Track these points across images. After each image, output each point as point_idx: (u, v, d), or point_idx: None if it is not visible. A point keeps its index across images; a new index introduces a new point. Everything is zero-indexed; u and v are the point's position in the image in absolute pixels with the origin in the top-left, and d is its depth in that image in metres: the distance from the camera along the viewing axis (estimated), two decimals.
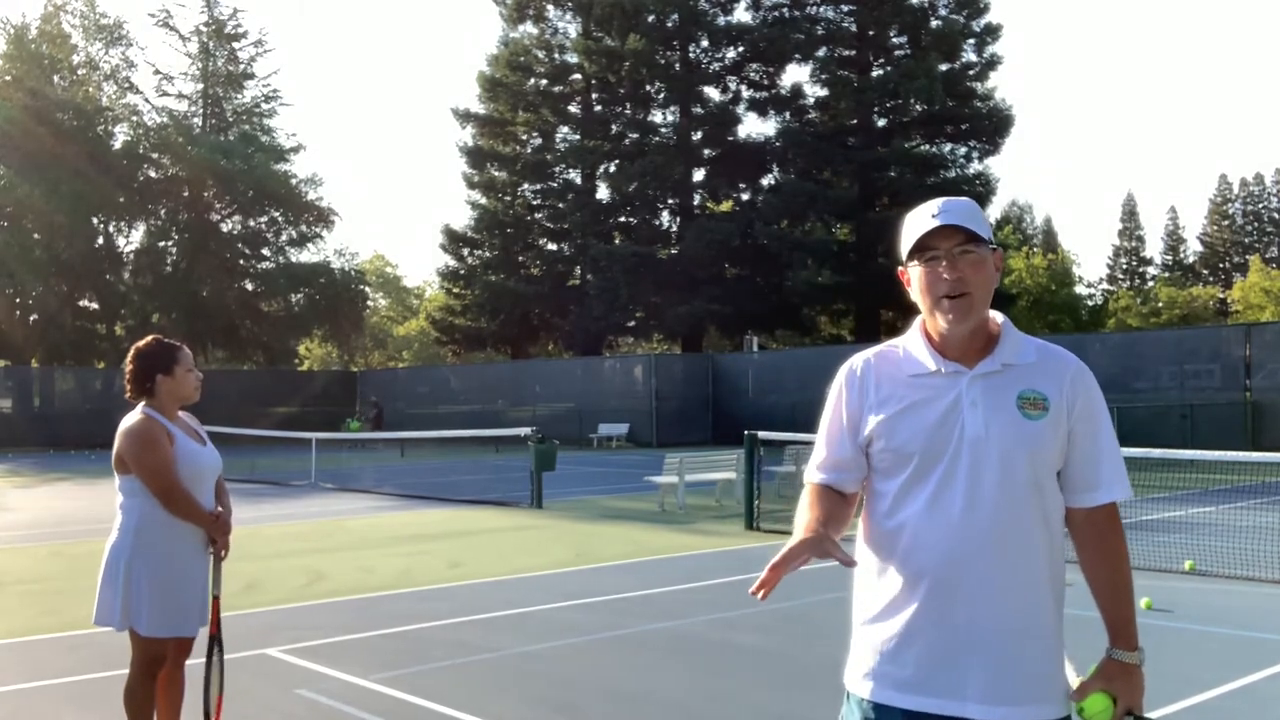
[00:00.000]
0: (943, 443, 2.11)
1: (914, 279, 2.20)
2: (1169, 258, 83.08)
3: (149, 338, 4.48)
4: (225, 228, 48.95)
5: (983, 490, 2.09)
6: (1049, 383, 2.16)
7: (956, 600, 2.08)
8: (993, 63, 45.04)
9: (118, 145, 46.00)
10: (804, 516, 2.18)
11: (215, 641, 4.43)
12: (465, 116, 48.05)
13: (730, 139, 46.45)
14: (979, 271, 2.14)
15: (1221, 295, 70.05)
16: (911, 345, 2.24)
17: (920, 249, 2.16)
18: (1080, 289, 61.28)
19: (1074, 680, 2.14)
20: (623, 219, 47.77)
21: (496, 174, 48.03)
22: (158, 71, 51.38)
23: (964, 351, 2.18)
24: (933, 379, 2.17)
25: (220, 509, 4.35)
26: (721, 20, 45.60)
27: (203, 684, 4.41)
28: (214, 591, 4.37)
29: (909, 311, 2.23)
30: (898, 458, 2.15)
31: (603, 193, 47.48)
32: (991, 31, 44.83)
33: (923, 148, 44.95)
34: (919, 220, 2.17)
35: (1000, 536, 2.09)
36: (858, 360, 2.29)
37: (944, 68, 43.28)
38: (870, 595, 2.21)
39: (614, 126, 46.98)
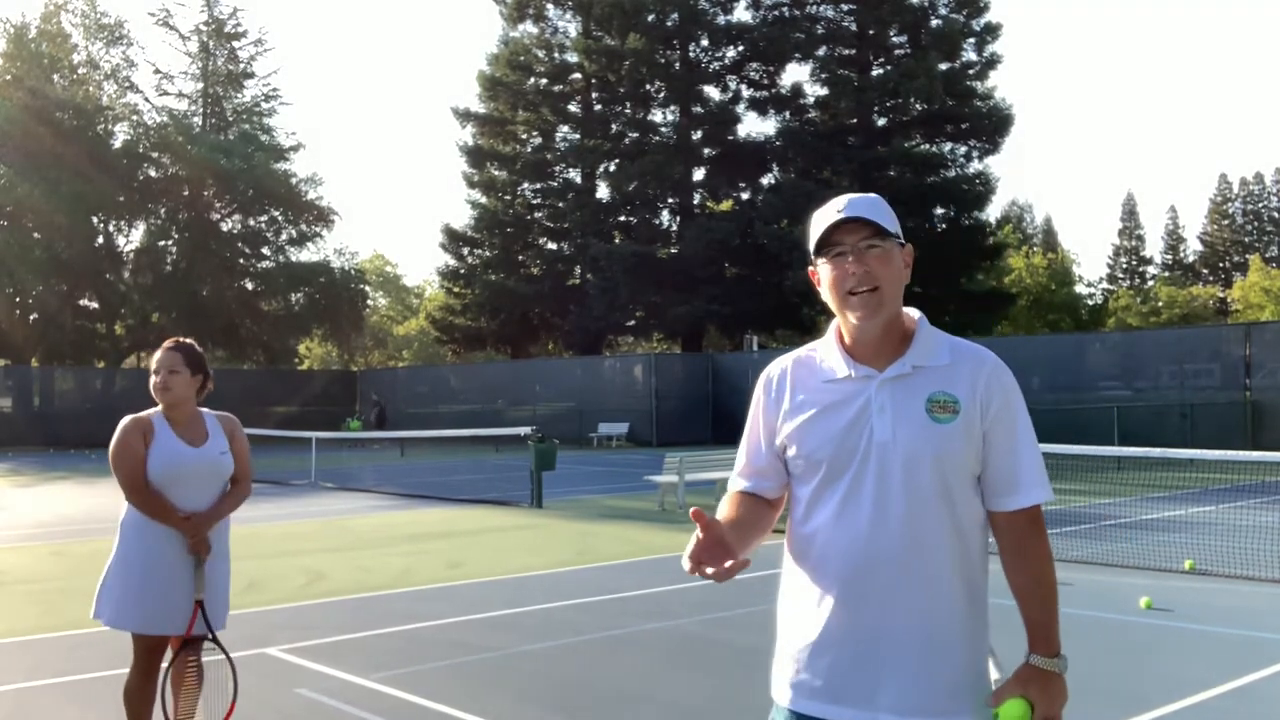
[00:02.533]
0: (851, 449, 2.09)
1: (822, 277, 2.17)
2: (1169, 257, 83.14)
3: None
4: (225, 227, 48.95)
5: (890, 497, 2.06)
6: (961, 384, 2.11)
7: (865, 609, 2.06)
8: (993, 62, 45.04)
9: (118, 145, 45.98)
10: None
11: (189, 646, 4.32)
12: (465, 116, 48.05)
13: (730, 138, 46.44)
14: (886, 266, 2.10)
15: (1221, 295, 70.09)
16: (825, 350, 2.22)
17: (827, 245, 2.14)
18: (1080, 288, 61.39)
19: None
20: (623, 218, 47.76)
21: (496, 173, 48.03)
22: (158, 71, 51.38)
23: (876, 353, 2.14)
24: (844, 384, 2.14)
25: (198, 511, 4.22)
26: (721, 19, 45.60)
27: (171, 689, 4.32)
28: (195, 594, 4.26)
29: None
30: (809, 464, 2.14)
31: (603, 192, 47.50)
32: (991, 31, 44.82)
33: (923, 147, 44.94)
34: (824, 216, 2.15)
35: (908, 544, 2.05)
36: (775, 366, 2.28)
37: (944, 67, 43.27)
38: (789, 602, 2.20)
39: (614, 126, 46.98)
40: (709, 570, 1.96)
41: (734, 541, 2.05)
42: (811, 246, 2.17)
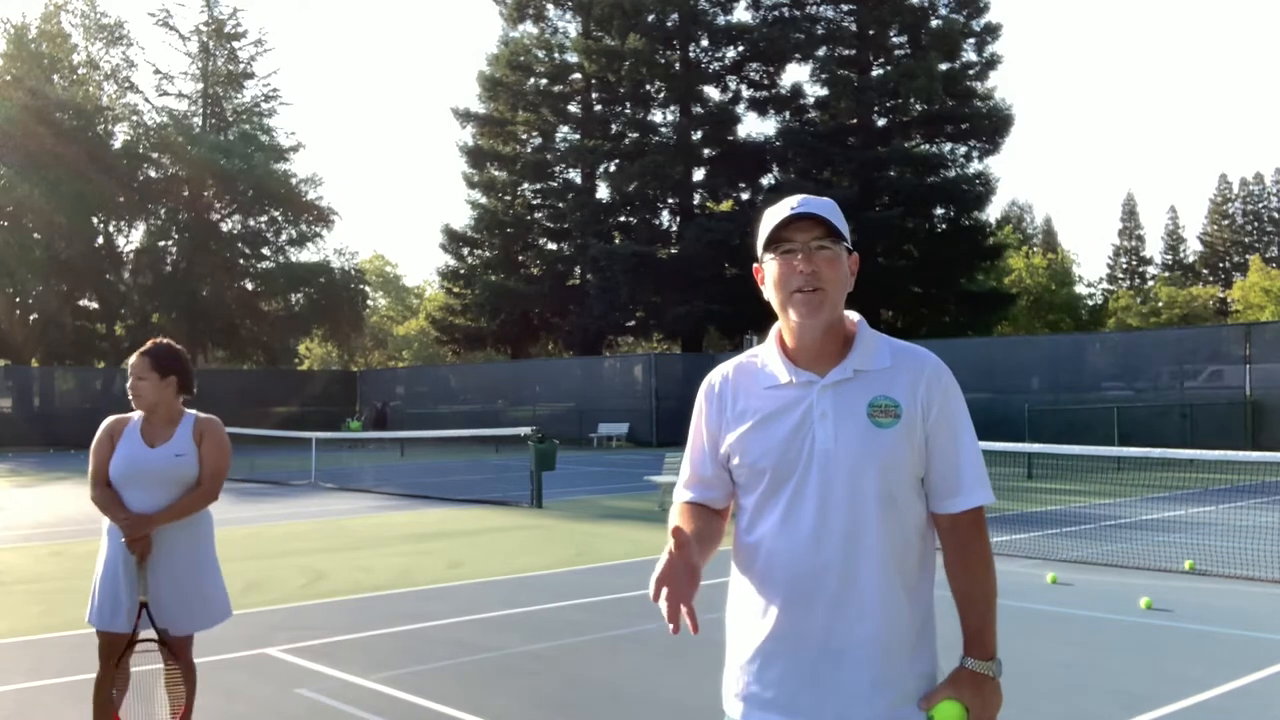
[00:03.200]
0: (793, 457, 2.06)
1: (768, 274, 2.15)
2: (1169, 257, 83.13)
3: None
4: (225, 227, 48.96)
5: (832, 505, 2.04)
6: (902, 387, 2.08)
7: (811, 618, 2.04)
8: (993, 62, 45.03)
9: (118, 145, 46.00)
10: (669, 542, 2.07)
11: (143, 645, 4.26)
12: (465, 116, 48.04)
13: (730, 139, 46.42)
14: (834, 268, 2.08)
15: (1221, 295, 70.07)
16: (767, 356, 2.19)
17: (775, 242, 2.11)
18: (1080, 289, 61.32)
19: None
20: (623, 219, 47.75)
21: (496, 174, 48.01)
22: (158, 71, 51.48)
23: (817, 358, 2.12)
24: (785, 390, 2.11)
25: (143, 512, 4.17)
26: (721, 20, 45.58)
27: (104, 692, 4.27)
28: (139, 594, 4.20)
29: (909, 311, 2.21)
30: (752, 473, 2.11)
31: (603, 192, 47.48)
32: (991, 31, 44.82)
33: (923, 147, 44.93)
34: (777, 212, 2.12)
35: (851, 552, 2.03)
36: (716, 374, 2.25)
37: (944, 67, 43.23)
38: (737, 613, 2.17)
39: (614, 126, 46.97)
40: (667, 607, 1.91)
41: (700, 564, 2.01)
42: (760, 242, 2.15)
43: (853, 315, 2.18)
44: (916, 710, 2.05)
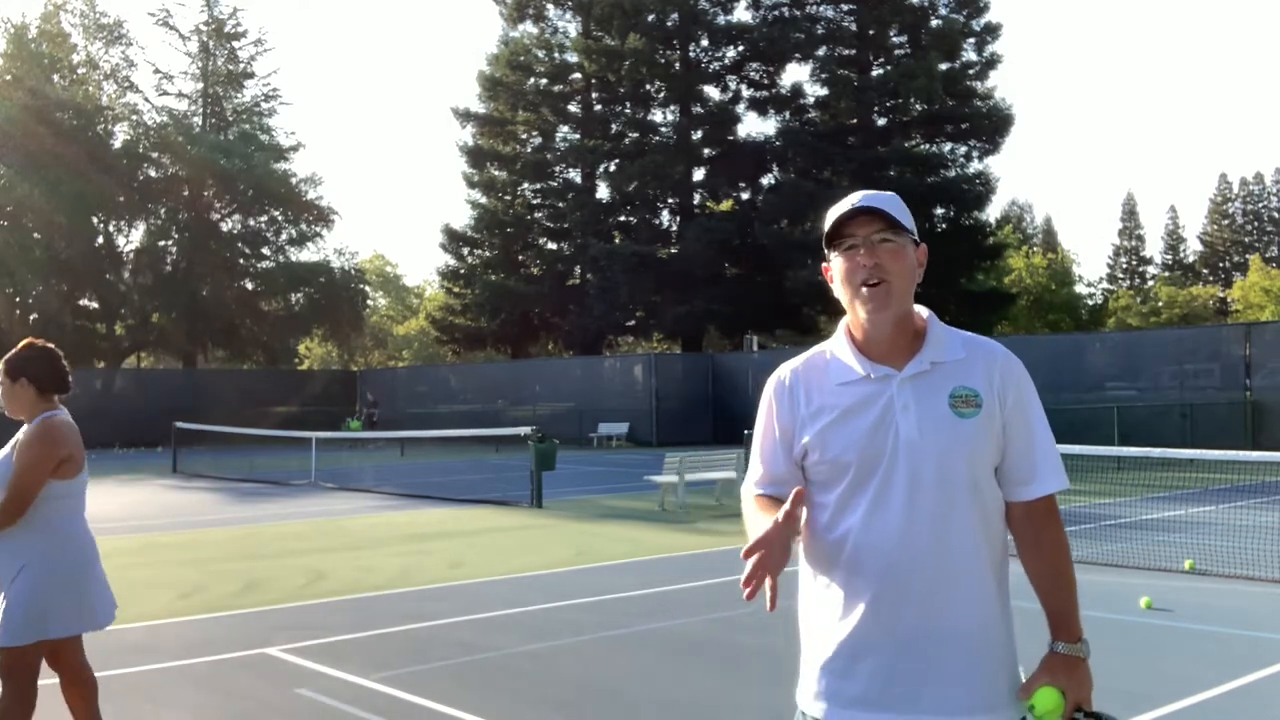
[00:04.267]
0: (878, 450, 2.07)
1: (834, 270, 2.16)
2: (1169, 257, 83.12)
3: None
4: (225, 227, 48.95)
5: (921, 496, 2.05)
6: (978, 378, 2.11)
7: (903, 610, 2.03)
8: (993, 62, 45.03)
9: (118, 145, 45.98)
10: (759, 518, 2.11)
11: None
12: (465, 116, 48.04)
13: (730, 138, 46.42)
14: (898, 260, 2.09)
15: (1221, 295, 70.06)
16: (838, 350, 2.19)
17: (839, 237, 2.13)
18: (1080, 288, 61.33)
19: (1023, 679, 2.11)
20: (623, 219, 47.75)
21: (496, 173, 48.01)
22: (158, 71, 51.41)
23: (890, 352, 2.13)
24: (862, 385, 2.12)
25: None
26: (721, 19, 45.58)
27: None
28: None
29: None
30: (834, 469, 2.11)
31: (603, 192, 47.47)
32: (991, 31, 44.82)
33: (923, 147, 44.93)
34: (839, 208, 2.14)
35: (942, 541, 2.04)
36: (785, 371, 2.24)
37: (944, 67, 43.23)
38: (816, 610, 2.16)
39: (614, 126, 46.96)
40: (754, 573, 1.89)
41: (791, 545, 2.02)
42: (825, 240, 2.16)
43: (922, 310, 2.19)
44: (1011, 700, 2.06)
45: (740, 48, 45.71)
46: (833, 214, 2.14)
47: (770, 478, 2.21)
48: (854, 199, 2.12)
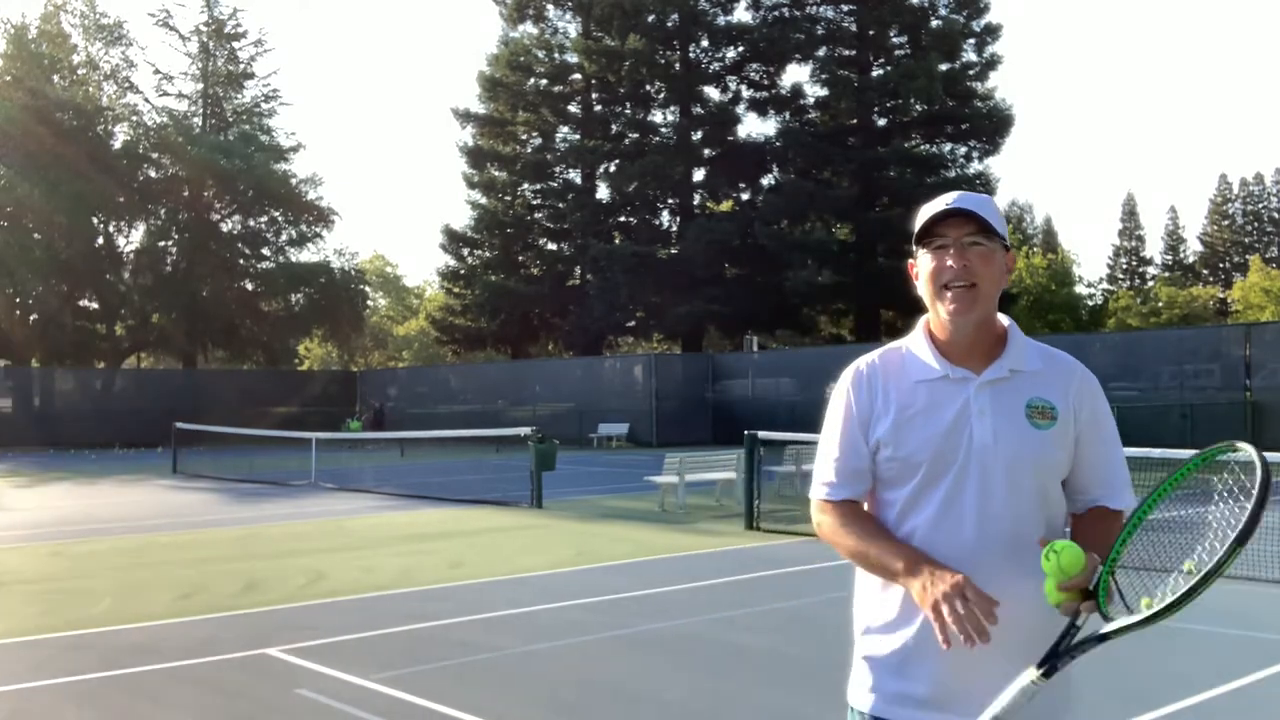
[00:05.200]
0: (951, 451, 2.07)
1: (920, 267, 2.15)
2: (1169, 258, 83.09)
3: None
4: (225, 227, 48.96)
5: (993, 500, 2.05)
6: (1056, 390, 2.12)
7: None
8: (993, 62, 45.05)
9: (118, 145, 45.99)
10: (879, 546, 2.07)
11: None
12: (465, 116, 48.06)
13: (730, 139, 46.44)
14: (987, 264, 2.08)
15: (1221, 295, 70.08)
16: (916, 348, 2.18)
17: (929, 236, 2.12)
18: (1080, 289, 61.20)
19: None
20: (623, 219, 47.77)
21: (496, 174, 48.03)
22: (158, 71, 51.49)
23: (969, 354, 2.12)
24: (940, 384, 2.12)
25: None
26: (721, 20, 45.60)
27: None
28: None
29: (910, 311, 2.21)
30: (905, 466, 2.10)
31: (603, 193, 47.49)
32: (991, 31, 44.84)
33: (923, 148, 44.95)
34: (932, 207, 2.13)
35: (1011, 547, 2.05)
36: (863, 363, 2.22)
37: (944, 68, 43.26)
38: (875, 607, 2.14)
39: (614, 126, 46.98)
40: (972, 609, 1.88)
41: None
42: (915, 236, 2.15)
43: (1003, 317, 2.19)
44: (1067, 708, 2.09)
45: (740, 48, 45.73)
46: (925, 212, 2.12)
47: (850, 471, 2.17)
48: (949, 199, 2.11)
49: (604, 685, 5.99)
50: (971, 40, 44.72)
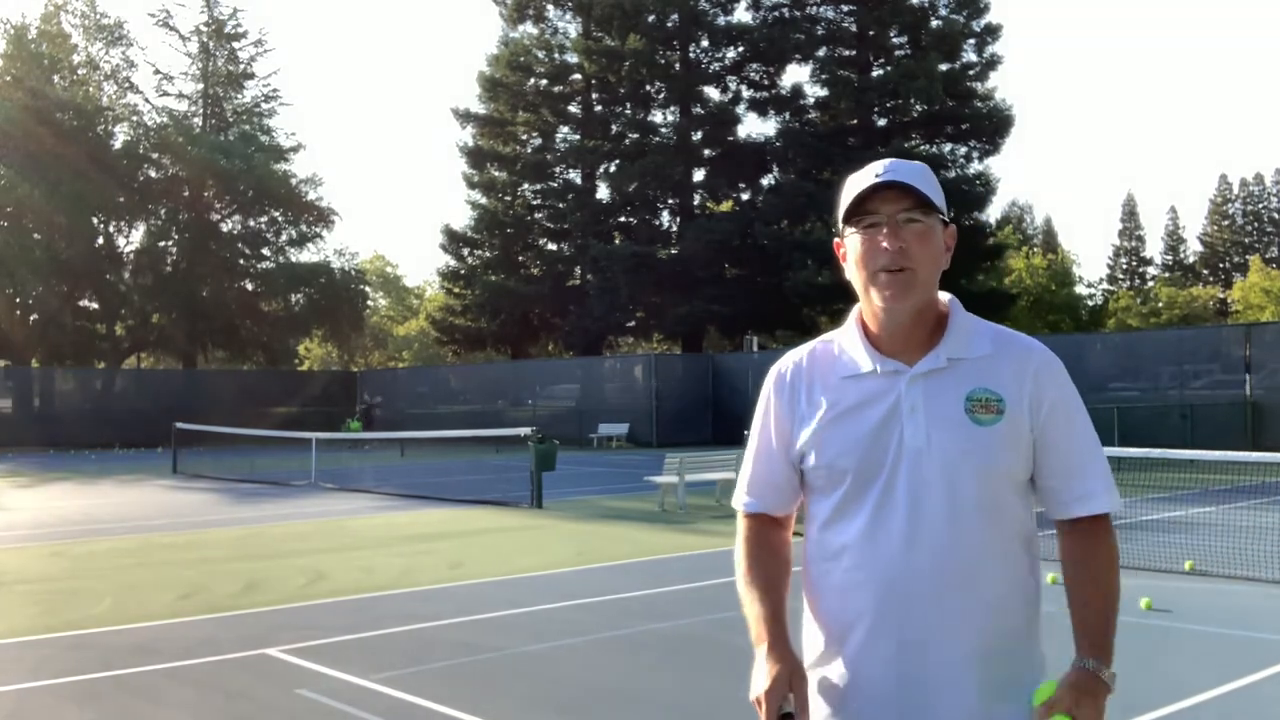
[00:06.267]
0: (879, 457, 1.81)
1: (849, 249, 1.88)
2: (1169, 258, 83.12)
3: None
4: (225, 227, 48.97)
5: (926, 511, 1.79)
6: (1005, 379, 1.84)
7: (903, 642, 1.80)
8: (993, 63, 45.03)
9: (118, 145, 46.01)
10: (751, 593, 1.91)
11: None
12: (465, 116, 48.05)
13: (730, 139, 46.44)
14: (925, 244, 1.83)
15: (1221, 295, 70.09)
16: (846, 341, 1.93)
17: (859, 214, 1.85)
18: (1080, 289, 61.27)
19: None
20: (623, 219, 47.76)
21: (496, 174, 48.03)
22: (158, 71, 51.44)
23: (905, 345, 1.86)
24: (868, 380, 1.86)
25: None
26: (721, 20, 45.59)
27: None
28: None
29: None
30: (830, 474, 1.86)
31: (603, 193, 47.49)
32: (991, 31, 44.82)
33: (923, 148, 44.92)
34: (860, 179, 1.86)
35: (948, 566, 1.78)
36: (787, 361, 1.99)
37: (944, 68, 43.24)
38: (813, 630, 1.92)
39: (614, 126, 46.98)
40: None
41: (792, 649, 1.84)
42: (841, 214, 1.89)
43: (945, 296, 1.93)
44: None
45: (740, 48, 45.72)
46: (853, 186, 1.87)
47: (763, 483, 1.98)
48: (877, 169, 1.85)
49: (604, 685, 5.99)
50: (971, 40, 44.69)
